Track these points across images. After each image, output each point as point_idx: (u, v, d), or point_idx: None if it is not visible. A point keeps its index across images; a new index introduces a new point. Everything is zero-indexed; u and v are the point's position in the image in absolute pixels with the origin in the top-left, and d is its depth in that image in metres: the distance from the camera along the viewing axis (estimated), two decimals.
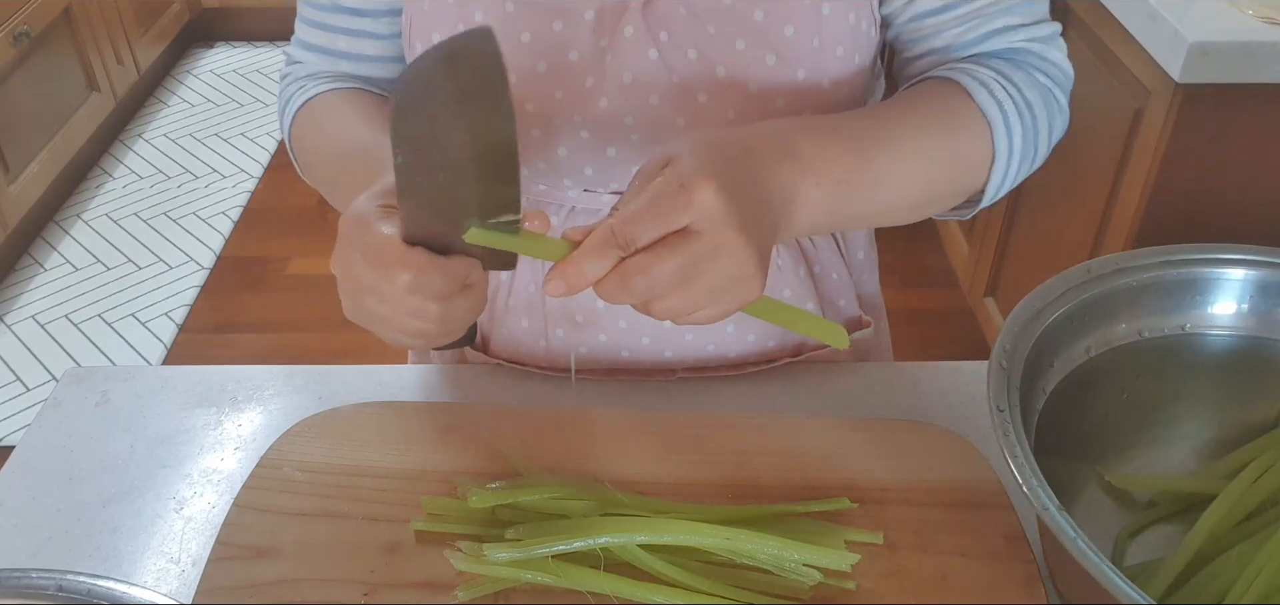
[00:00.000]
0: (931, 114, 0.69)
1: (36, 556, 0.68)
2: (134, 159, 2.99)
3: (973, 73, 0.71)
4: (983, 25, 0.72)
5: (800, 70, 0.70)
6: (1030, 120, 0.71)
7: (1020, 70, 0.72)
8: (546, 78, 0.71)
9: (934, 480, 0.70)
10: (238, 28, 3.61)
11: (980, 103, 0.69)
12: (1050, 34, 0.74)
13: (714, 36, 0.69)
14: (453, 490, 0.69)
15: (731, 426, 0.75)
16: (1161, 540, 0.69)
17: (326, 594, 0.63)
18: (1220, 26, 1.35)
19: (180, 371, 0.83)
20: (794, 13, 0.68)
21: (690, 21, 0.69)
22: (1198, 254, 0.71)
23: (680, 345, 0.83)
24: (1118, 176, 1.57)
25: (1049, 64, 0.74)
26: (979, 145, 0.70)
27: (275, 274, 2.59)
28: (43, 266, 2.56)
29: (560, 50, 0.70)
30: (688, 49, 0.70)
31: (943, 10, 0.72)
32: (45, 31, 2.58)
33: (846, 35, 0.70)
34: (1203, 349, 0.72)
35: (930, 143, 0.68)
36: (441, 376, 0.83)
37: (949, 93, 0.70)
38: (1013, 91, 0.70)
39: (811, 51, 0.69)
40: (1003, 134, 0.69)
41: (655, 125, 0.72)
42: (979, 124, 0.69)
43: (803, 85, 0.70)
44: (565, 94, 0.71)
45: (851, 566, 0.63)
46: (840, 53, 0.71)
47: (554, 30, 0.70)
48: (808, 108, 0.71)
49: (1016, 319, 0.65)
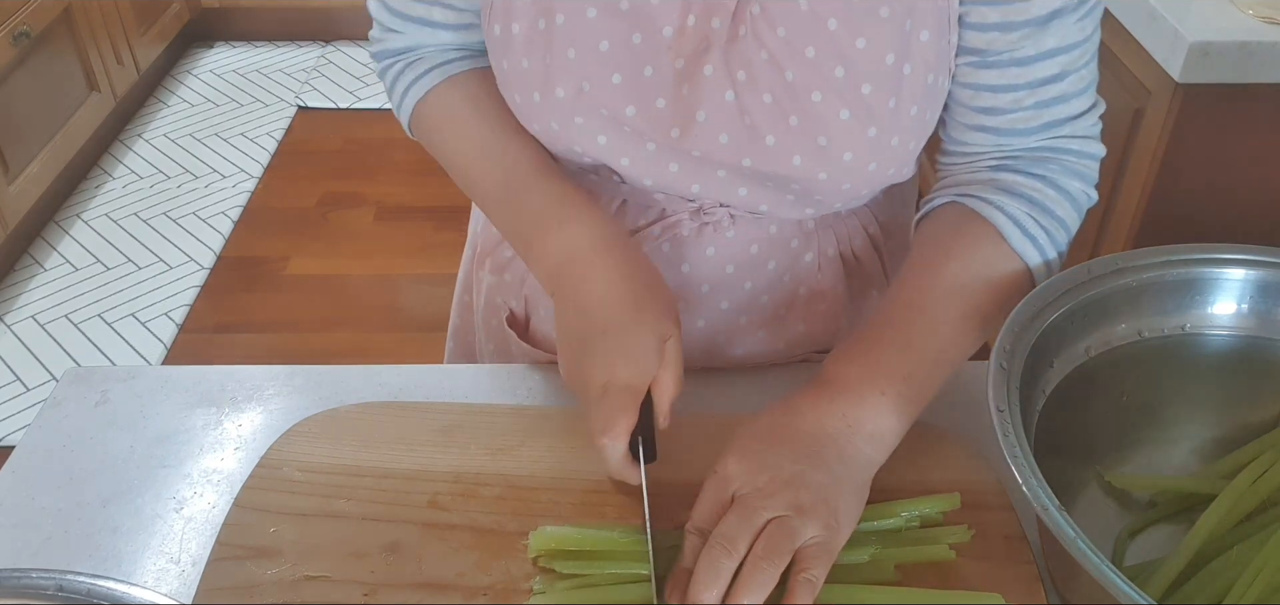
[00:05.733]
0: (969, 277, 0.71)
1: (36, 556, 0.68)
2: (134, 159, 2.99)
3: (1006, 209, 0.72)
4: (1041, 115, 0.72)
5: (872, 128, 0.70)
6: (1063, 241, 0.74)
7: (1053, 187, 0.73)
8: (620, 90, 0.71)
9: (934, 480, 0.70)
10: (238, 28, 3.60)
11: (1016, 246, 0.72)
12: (1092, 127, 0.74)
13: (792, 85, 0.69)
14: (456, 488, 0.69)
15: (731, 426, 0.75)
16: (1161, 540, 0.69)
17: (326, 594, 0.63)
18: (1220, 26, 1.35)
19: (180, 371, 0.83)
20: (874, 71, 0.68)
21: (770, 67, 0.69)
22: (1198, 254, 0.71)
23: (712, 349, 0.85)
24: (1118, 176, 1.57)
25: (1087, 160, 0.74)
26: (1016, 280, 0.72)
27: (275, 274, 2.59)
28: (43, 266, 2.56)
29: (636, 64, 0.70)
30: (764, 93, 0.69)
31: (1005, 89, 0.71)
32: (45, 31, 2.57)
33: (922, 94, 0.70)
34: (1203, 349, 0.72)
35: (970, 314, 0.70)
36: (441, 376, 0.83)
37: (982, 239, 0.72)
38: (1048, 222, 0.72)
39: (887, 111, 0.69)
40: (1041, 269, 0.73)
41: (721, 159, 0.73)
42: (1013, 262, 0.72)
43: (873, 140, 0.70)
44: (637, 110, 0.71)
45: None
46: (914, 112, 0.70)
47: (633, 43, 0.70)
48: (873, 160, 0.71)
49: (1016, 319, 0.65)
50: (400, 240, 2.69)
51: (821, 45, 0.68)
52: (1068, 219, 0.73)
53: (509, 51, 0.72)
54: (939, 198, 0.76)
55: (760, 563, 0.57)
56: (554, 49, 0.70)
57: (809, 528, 0.59)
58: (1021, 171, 0.73)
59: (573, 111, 0.71)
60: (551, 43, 0.70)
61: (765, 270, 0.82)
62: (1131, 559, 0.67)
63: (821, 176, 0.72)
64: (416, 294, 2.51)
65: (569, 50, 0.70)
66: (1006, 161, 0.74)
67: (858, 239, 0.84)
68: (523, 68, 0.71)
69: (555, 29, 0.69)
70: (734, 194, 0.76)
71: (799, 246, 0.82)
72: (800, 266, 0.83)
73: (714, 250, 0.80)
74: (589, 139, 0.73)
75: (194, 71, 3.44)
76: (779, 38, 0.68)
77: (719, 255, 0.80)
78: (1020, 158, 0.74)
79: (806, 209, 0.79)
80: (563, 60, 0.70)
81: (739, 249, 0.80)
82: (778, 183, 0.74)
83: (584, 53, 0.69)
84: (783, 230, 0.80)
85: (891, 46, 0.67)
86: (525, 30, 0.71)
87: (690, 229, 0.79)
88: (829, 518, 0.60)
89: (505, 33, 0.72)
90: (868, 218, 0.85)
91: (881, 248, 0.87)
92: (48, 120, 2.62)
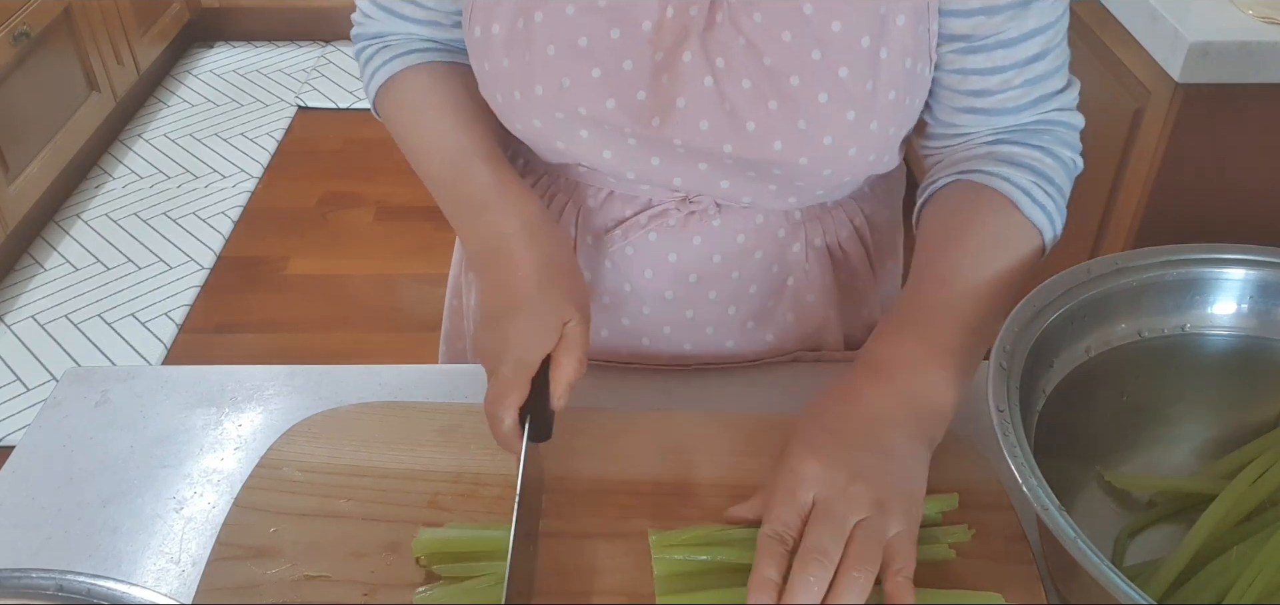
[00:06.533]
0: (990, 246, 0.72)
1: (36, 556, 0.68)
2: (134, 159, 2.99)
3: (1014, 180, 0.73)
4: (1031, 92, 0.74)
5: (851, 111, 0.71)
6: (1063, 207, 0.75)
7: (1051, 156, 0.75)
8: (600, 85, 0.72)
9: (934, 480, 0.70)
10: (238, 28, 3.61)
11: (1029, 215, 0.73)
12: (1073, 100, 0.76)
13: (770, 69, 0.70)
14: (458, 486, 0.69)
15: (730, 426, 0.75)
16: (1161, 540, 0.69)
17: (326, 594, 0.63)
18: (1220, 26, 1.35)
19: (180, 371, 0.83)
20: (850, 55, 0.69)
21: (748, 52, 0.70)
22: (1198, 254, 0.71)
23: (700, 339, 0.85)
24: (1117, 176, 1.57)
25: (1072, 132, 0.77)
26: (1032, 249, 0.74)
27: (275, 274, 2.59)
28: (43, 266, 2.56)
29: (615, 58, 0.71)
30: (742, 79, 0.71)
31: (993, 71, 0.72)
32: (45, 31, 2.58)
33: (900, 80, 0.71)
34: (1203, 349, 0.72)
35: (999, 282, 0.71)
36: (441, 376, 0.83)
37: (996, 210, 0.73)
38: (1052, 191, 0.74)
39: (864, 94, 0.70)
40: (1052, 238, 0.74)
41: (703, 147, 0.73)
42: (1028, 231, 0.73)
43: (852, 124, 0.71)
44: (618, 103, 0.72)
45: None
46: (892, 97, 0.71)
47: (612, 38, 0.71)
48: (853, 144, 0.72)
49: (1016, 319, 0.65)
50: (400, 240, 2.69)
51: (797, 29, 0.69)
52: (1065, 186, 0.76)
53: (489, 52, 0.73)
54: (942, 178, 0.77)
55: (853, 571, 0.57)
56: (533, 47, 0.71)
57: (892, 523, 0.60)
58: (1020, 143, 0.75)
59: (553, 108, 0.73)
60: (531, 41, 0.71)
61: (752, 260, 0.83)
62: (1131, 559, 0.67)
63: (802, 161, 0.73)
64: (416, 294, 2.51)
65: (548, 47, 0.71)
66: (1002, 135, 0.76)
67: (844, 231, 0.85)
68: (503, 67, 0.73)
69: (534, 27, 0.71)
70: (717, 186, 0.77)
71: (786, 237, 0.83)
72: (788, 257, 0.83)
73: (701, 240, 0.81)
74: (571, 134, 0.74)
75: (194, 71, 3.44)
76: (755, 23, 0.69)
77: (706, 245, 0.81)
78: (1015, 132, 0.75)
79: (790, 198, 0.79)
80: (542, 57, 0.71)
81: (726, 239, 0.81)
82: (760, 170, 0.75)
83: (563, 49, 0.71)
84: (769, 221, 0.81)
85: (866, 29, 0.69)
86: (505, 30, 0.72)
87: (677, 219, 0.80)
88: (908, 507, 0.61)
89: (485, 34, 0.73)
90: (854, 210, 0.86)
91: (867, 241, 0.87)
92: (48, 120, 2.62)
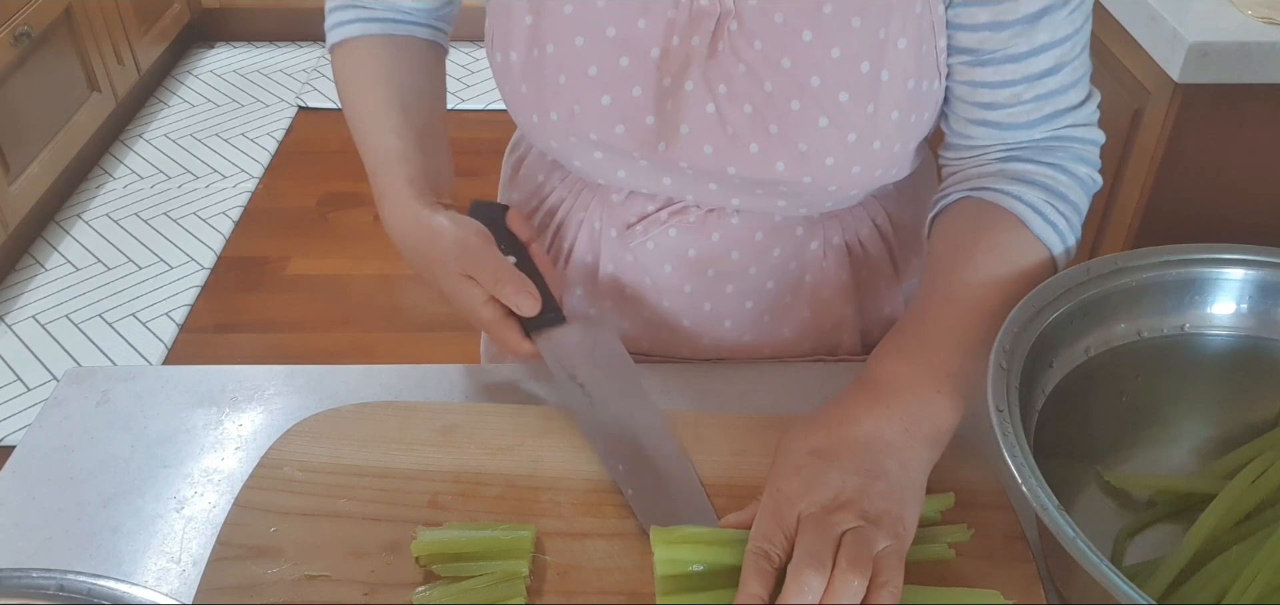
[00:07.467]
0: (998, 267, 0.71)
1: (36, 556, 0.68)
2: (134, 159, 2.99)
3: (1024, 198, 0.72)
4: (1042, 108, 0.73)
5: (852, 133, 0.72)
6: (1078, 225, 0.74)
7: (1065, 173, 0.74)
8: (609, 112, 0.74)
9: (933, 480, 0.70)
10: (238, 28, 3.60)
11: (1039, 234, 0.72)
12: (1091, 115, 0.75)
13: (771, 95, 0.71)
14: (458, 487, 0.69)
15: (730, 426, 0.75)
16: (1161, 540, 0.69)
17: (326, 594, 0.63)
18: (1220, 26, 1.35)
19: (180, 371, 0.84)
20: (850, 80, 0.70)
21: (749, 79, 0.72)
22: (1197, 254, 0.71)
23: (718, 333, 0.87)
24: (1117, 176, 1.57)
25: (1090, 147, 0.75)
26: (1041, 268, 0.72)
27: (275, 274, 2.59)
28: (43, 266, 2.56)
29: (624, 86, 0.74)
30: (744, 104, 0.72)
31: (1002, 85, 0.72)
32: (46, 31, 2.57)
33: (903, 100, 0.71)
34: (1202, 349, 0.72)
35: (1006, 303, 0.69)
36: (441, 376, 0.83)
37: (1005, 229, 0.72)
38: (1064, 208, 0.73)
39: (865, 117, 0.71)
40: (1063, 255, 0.73)
41: (708, 169, 0.75)
42: (1038, 250, 0.72)
43: (854, 145, 0.72)
44: (626, 129, 0.75)
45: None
46: (895, 117, 0.72)
47: (620, 66, 0.73)
48: (856, 164, 0.73)
49: (1016, 319, 0.66)
50: None
51: (797, 56, 0.70)
52: (1080, 203, 0.74)
53: (509, 78, 0.77)
54: (952, 194, 0.77)
55: (847, 574, 0.57)
56: (546, 76, 0.74)
57: (881, 537, 0.59)
58: (1032, 160, 0.74)
59: (567, 133, 0.76)
60: (543, 70, 0.74)
61: (770, 257, 0.84)
62: (1131, 559, 0.67)
63: (806, 180, 0.74)
64: (416, 294, 2.51)
65: (560, 76, 0.74)
66: (1014, 151, 0.75)
67: (865, 229, 0.86)
68: (522, 93, 0.76)
69: (546, 57, 0.74)
70: (727, 202, 0.80)
71: (804, 235, 0.84)
72: (806, 254, 0.84)
73: (719, 237, 0.83)
74: (586, 156, 0.78)
75: (195, 72, 3.44)
76: (756, 50, 0.71)
77: (724, 241, 0.83)
78: (1027, 148, 0.75)
79: (800, 209, 0.81)
80: (555, 86, 0.74)
81: (744, 235, 0.83)
82: (766, 188, 0.76)
83: (574, 78, 0.74)
84: (787, 219, 0.83)
85: (866, 55, 0.70)
86: (521, 59, 0.75)
87: (696, 216, 0.82)
88: (896, 526, 0.60)
89: (505, 60, 0.76)
90: (876, 209, 0.86)
91: (889, 239, 0.88)
92: (49, 120, 2.62)
